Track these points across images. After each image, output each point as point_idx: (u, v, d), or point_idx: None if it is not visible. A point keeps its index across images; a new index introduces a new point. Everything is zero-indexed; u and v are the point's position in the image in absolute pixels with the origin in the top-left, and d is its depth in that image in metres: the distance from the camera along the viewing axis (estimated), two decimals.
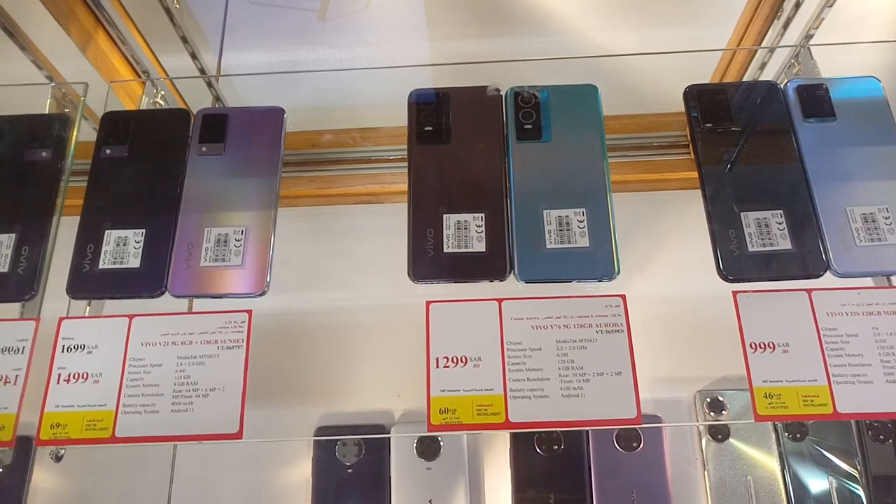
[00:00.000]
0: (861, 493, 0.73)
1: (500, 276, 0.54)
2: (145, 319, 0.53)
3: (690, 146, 0.59)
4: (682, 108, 0.61)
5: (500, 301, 0.52)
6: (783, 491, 0.74)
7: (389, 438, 0.78)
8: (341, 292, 0.86)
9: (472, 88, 0.62)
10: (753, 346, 0.50)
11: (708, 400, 0.78)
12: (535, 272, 0.53)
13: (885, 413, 0.48)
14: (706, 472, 0.75)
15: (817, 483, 0.74)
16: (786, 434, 0.76)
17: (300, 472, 0.79)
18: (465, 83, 0.62)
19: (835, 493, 0.73)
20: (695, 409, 0.79)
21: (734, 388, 0.78)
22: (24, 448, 0.74)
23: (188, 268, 0.55)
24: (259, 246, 0.56)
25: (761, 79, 0.79)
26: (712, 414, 0.77)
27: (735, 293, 0.51)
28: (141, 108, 0.69)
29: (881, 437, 0.74)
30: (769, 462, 0.75)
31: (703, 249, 0.55)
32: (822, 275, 0.52)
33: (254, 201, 0.58)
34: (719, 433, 0.76)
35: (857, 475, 0.74)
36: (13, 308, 0.55)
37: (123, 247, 0.56)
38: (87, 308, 0.56)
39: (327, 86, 0.95)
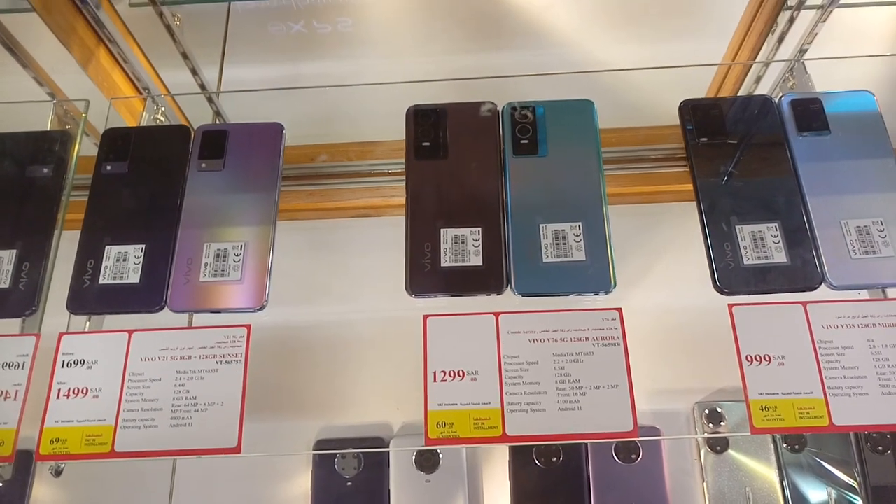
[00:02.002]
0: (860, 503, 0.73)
1: (497, 289, 0.54)
2: (145, 334, 0.53)
3: (686, 160, 0.60)
4: (678, 120, 0.62)
5: (497, 315, 0.52)
6: (782, 502, 0.74)
7: (388, 452, 0.78)
8: (340, 306, 0.87)
9: (469, 104, 0.62)
10: (749, 359, 0.50)
11: (706, 411, 0.78)
12: (532, 286, 0.54)
13: (881, 425, 0.48)
14: (705, 484, 0.75)
15: (816, 494, 0.74)
16: (784, 445, 0.76)
17: (299, 486, 0.79)
18: (463, 98, 0.63)
19: None
20: (693, 421, 0.79)
21: (732, 399, 0.78)
22: (24, 463, 0.74)
23: (187, 283, 0.56)
24: (258, 261, 0.56)
25: (757, 93, 0.80)
26: (711, 425, 0.78)
27: (731, 306, 0.52)
28: (142, 124, 0.70)
29: (880, 448, 0.74)
30: (768, 473, 0.75)
31: (699, 262, 0.55)
32: (817, 287, 0.53)
33: (253, 216, 0.58)
34: (718, 444, 0.76)
35: (856, 486, 0.74)
36: (14, 323, 0.56)
37: (123, 262, 0.56)
38: (88, 323, 0.56)
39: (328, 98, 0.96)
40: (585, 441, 0.73)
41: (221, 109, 0.85)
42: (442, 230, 0.56)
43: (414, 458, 0.77)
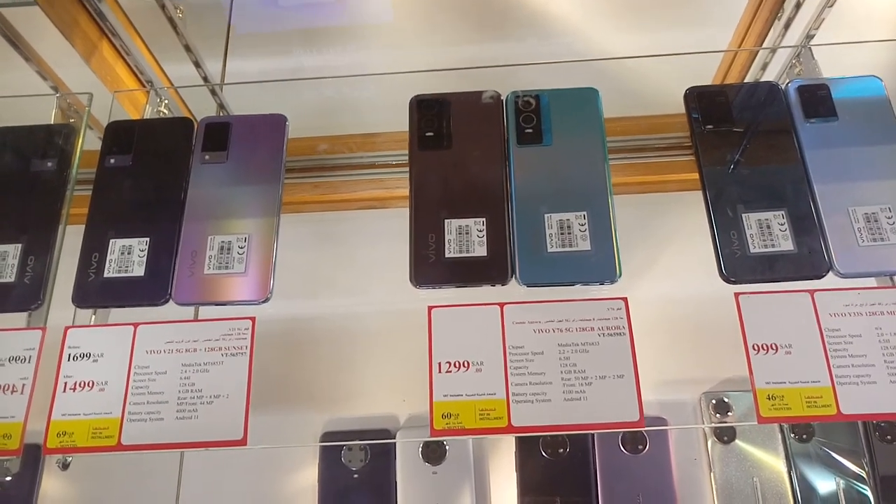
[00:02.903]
0: (869, 493, 0.73)
1: (502, 280, 0.54)
2: (150, 327, 0.53)
3: (692, 149, 0.59)
4: (683, 109, 0.61)
5: (501, 305, 0.52)
6: (790, 492, 0.74)
7: (395, 443, 0.78)
8: (345, 298, 0.87)
9: (473, 93, 0.62)
10: (756, 348, 0.50)
11: (713, 401, 0.78)
12: (537, 276, 0.53)
13: (889, 414, 0.48)
14: (712, 474, 0.75)
15: (824, 484, 0.74)
16: (792, 435, 0.76)
17: (306, 478, 0.79)
18: (467, 87, 0.62)
19: (842, 494, 0.73)
20: (700, 411, 0.78)
21: (739, 389, 0.78)
22: (33, 456, 0.75)
23: (192, 276, 0.55)
24: (262, 253, 0.56)
25: (763, 79, 0.79)
26: (718, 415, 0.77)
27: (737, 295, 0.51)
28: (145, 116, 0.70)
29: (888, 437, 0.74)
30: (776, 463, 0.75)
31: (705, 251, 0.55)
32: (824, 275, 0.52)
33: (257, 209, 0.58)
34: (725, 435, 0.76)
35: (864, 476, 0.73)
36: (20, 317, 0.56)
37: (128, 255, 0.56)
38: (93, 317, 0.56)
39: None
40: (591, 431, 0.73)
41: (224, 101, 0.85)
42: (446, 221, 0.56)
43: (420, 449, 0.77)
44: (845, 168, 0.56)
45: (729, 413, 0.77)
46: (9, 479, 0.76)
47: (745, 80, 0.81)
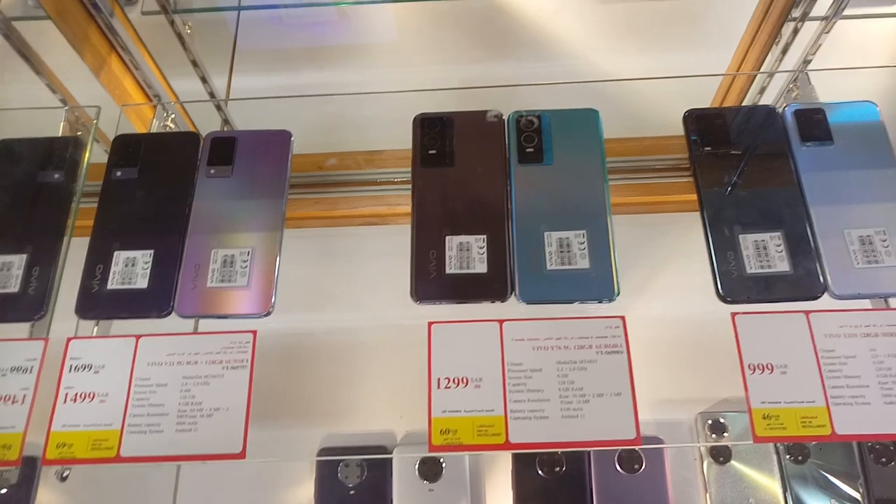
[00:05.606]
0: None
1: (502, 297, 0.54)
2: (152, 340, 0.54)
3: (690, 170, 0.60)
4: (682, 130, 0.62)
5: (501, 322, 0.52)
6: None
7: (391, 459, 0.78)
8: (345, 313, 0.87)
9: (475, 113, 0.63)
10: (752, 368, 0.50)
11: (709, 422, 0.78)
12: (536, 293, 0.54)
13: (884, 434, 0.48)
14: (708, 495, 0.75)
15: None
16: (787, 456, 0.76)
17: (303, 493, 0.79)
18: (469, 107, 0.63)
19: None
20: (696, 431, 0.79)
21: (735, 409, 0.78)
22: (29, 469, 0.75)
23: (195, 288, 0.56)
24: (265, 267, 0.57)
25: (760, 103, 0.80)
26: (714, 436, 0.77)
27: (733, 315, 0.52)
28: (151, 130, 0.71)
29: (883, 459, 0.74)
30: (771, 484, 0.75)
31: (702, 271, 0.55)
32: (819, 297, 0.53)
33: (260, 223, 0.59)
34: (721, 455, 0.76)
35: (859, 498, 0.73)
36: (23, 328, 0.56)
37: (132, 267, 0.57)
38: (95, 328, 0.57)
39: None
40: (588, 449, 0.73)
41: (229, 117, 0.86)
42: (447, 237, 0.56)
43: (417, 466, 0.77)
44: (841, 191, 0.57)
45: (725, 434, 0.77)
46: (3, 490, 0.76)
47: (743, 104, 0.82)
